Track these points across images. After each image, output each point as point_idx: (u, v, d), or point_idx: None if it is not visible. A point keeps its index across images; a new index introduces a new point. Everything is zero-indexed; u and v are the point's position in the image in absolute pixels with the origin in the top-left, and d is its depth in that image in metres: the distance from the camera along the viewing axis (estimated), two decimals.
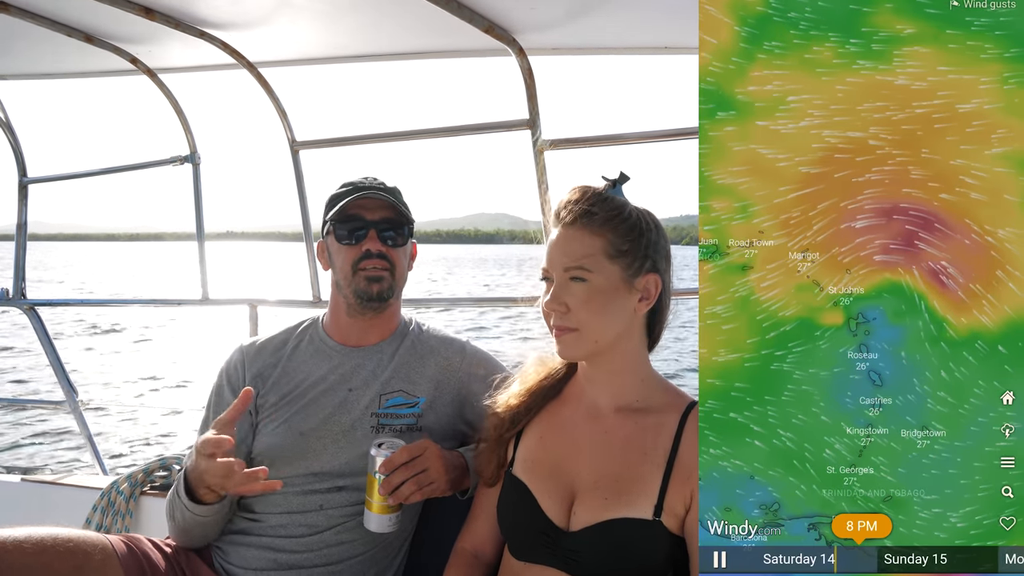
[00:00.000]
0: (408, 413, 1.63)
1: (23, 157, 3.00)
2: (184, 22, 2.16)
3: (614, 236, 1.24)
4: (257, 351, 1.70)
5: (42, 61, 2.68)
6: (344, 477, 1.56)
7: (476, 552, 1.44)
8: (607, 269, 1.23)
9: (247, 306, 2.74)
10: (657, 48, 2.22)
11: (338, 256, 1.65)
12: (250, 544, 1.55)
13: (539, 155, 2.19)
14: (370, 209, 1.63)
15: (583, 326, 1.24)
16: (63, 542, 1.37)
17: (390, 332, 1.73)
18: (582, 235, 1.24)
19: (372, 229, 1.62)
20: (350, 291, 1.63)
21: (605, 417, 1.31)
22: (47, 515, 2.61)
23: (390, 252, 1.64)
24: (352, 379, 1.64)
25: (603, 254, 1.23)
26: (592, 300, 1.23)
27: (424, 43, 2.31)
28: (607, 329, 1.25)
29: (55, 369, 2.95)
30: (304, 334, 1.73)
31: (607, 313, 1.24)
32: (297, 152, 2.61)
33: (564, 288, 1.24)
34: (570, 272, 1.24)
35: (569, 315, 1.24)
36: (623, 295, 1.25)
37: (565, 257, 1.24)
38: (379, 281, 1.62)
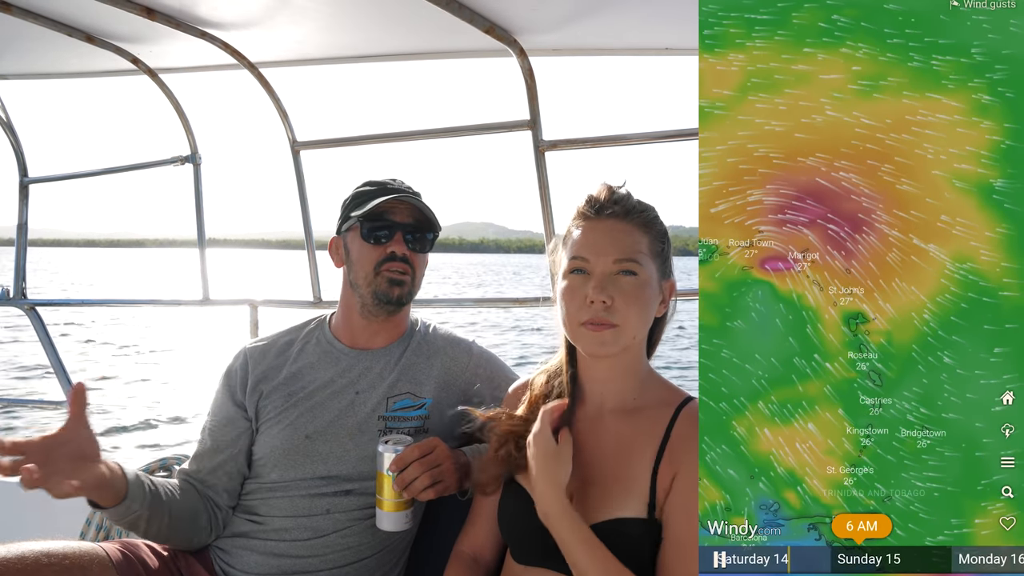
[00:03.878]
0: (415, 415, 1.62)
1: (24, 157, 3.00)
2: (185, 22, 2.16)
3: (653, 236, 1.25)
4: (261, 353, 1.68)
5: (43, 61, 2.69)
6: (352, 481, 1.55)
7: (475, 555, 1.43)
8: (650, 266, 1.24)
9: (248, 307, 2.74)
10: (658, 49, 2.22)
11: (360, 255, 1.62)
12: (252, 548, 1.54)
13: (540, 156, 2.19)
14: (399, 211, 1.61)
15: (625, 322, 1.21)
16: (59, 558, 1.34)
17: (399, 335, 1.71)
18: (632, 229, 1.24)
19: (399, 231, 1.60)
20: (368, 291, 1.61)
21: (603, 418, 1.31)
22: (47, 515, 2.61)
23: (413, 257, 1.62)
24: (359, 382, 1.63)
25: (649, 251, 1.24)
26: (640, 295, 1.22)
27: (425, 43, 2.31)
28: (642, 327, 1.25)
29: (55, 369, 2.95)
30: (311, 335, 1.71)
31: (647, 311, 1.24)
32: (298, 152, 2.61)
33: (611, 280, 1.21)
34: (622, 264, 1.21)
35: (613, 308, 1.20)
36: (656, 296, 1.26)
37: (616, 248, 1.22)
38: (400, 285, 1.60)
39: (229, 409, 1.63)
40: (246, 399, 1.62)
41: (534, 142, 2.18)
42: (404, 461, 1.39)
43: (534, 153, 2.19)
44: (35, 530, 2.49)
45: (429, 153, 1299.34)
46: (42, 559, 1.31)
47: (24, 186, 3.01)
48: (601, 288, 1.20)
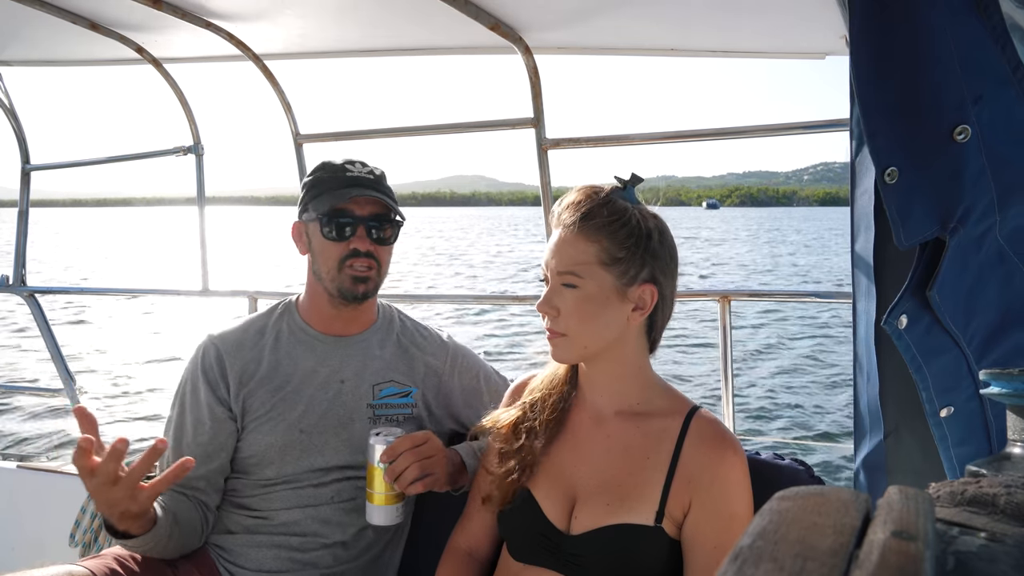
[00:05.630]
0: (403, 403, 1.62)
1: (26, 144, 3.00)
2: (190, 12, 2.16)
3: (610, 243, 1.20)
4: (235, 346, 1.61)
5: (47, 48, 2.68)
6: (351, 468, 1.56)
7: (470, 550, 1.43)
8: (599, 276, 1.20)
9: (247, 298, 2.74)
10: (663, 49, 2.22)
11: (322, 249, 1.57)
12: (261, 544, 1.53)
13: (543, 154, 2.19)
14: (360, 204, 1.56)
15: (571, 332, 1.23)
16: None
17: (371, 321, 1.70)
18: (577, 240, 1.21)
19: (361, 226, 1.55)
20: (333, 287, 1.58)
21: (607, 421, 1.30)
22: (43, 503, 2.62)
23: (377, 249, 1.58)
24: (342, 371, 1.61)
25: (596, 261, 1.20)
26: (581, 307, 1.21)
27: (429, 39, 2.31)
28: (595, 337, 1.24)
29: (53, 356, 2.95)
30: (280, 322, 1.66)
31: (595, 321, 1.22)
32: (301, 145, 2.61)
33: (556, 292, 1.23)
34: (562, 277, 1.22)
35: (559, 320, 1.23)
36: (614, 304, 1.22)
37: (558, 261, 1.23)
38: (364, 282, 1.57)
39: (216, 410, 1.55)
40: (231, 397, 1.56)
41: (537, 140, 2.18)
42: (395, 451, 1.38)
43: (537, 151, 2.19)
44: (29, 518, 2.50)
45: (436, 146, 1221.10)
46: None
47: (26, 173, 3.01)
48: (546, 300, 1.24)
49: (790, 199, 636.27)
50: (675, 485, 1.20)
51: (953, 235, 1.01)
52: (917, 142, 1.01)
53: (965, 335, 1.04)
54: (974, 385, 1.06)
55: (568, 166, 29.46)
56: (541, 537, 1.26)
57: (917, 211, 1.02)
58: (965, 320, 1.04)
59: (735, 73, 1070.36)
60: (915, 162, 1.01)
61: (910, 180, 1.01)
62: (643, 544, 1.17)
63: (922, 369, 1.07)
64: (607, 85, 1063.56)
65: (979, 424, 1.08)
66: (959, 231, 1.00)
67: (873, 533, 0.33)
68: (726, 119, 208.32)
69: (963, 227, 1.00)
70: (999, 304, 1.03)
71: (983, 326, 1.04)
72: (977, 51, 0.95)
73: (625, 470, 1.24)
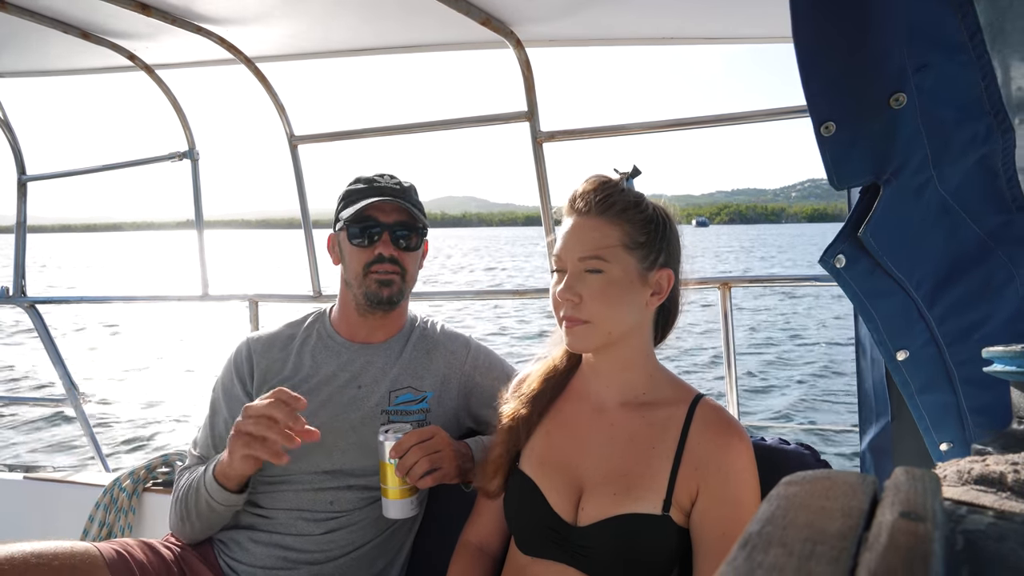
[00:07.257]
0: (417, 409, 1.64)
1: (22, 155, 3.00)
2: (180, 17, 2.16)
3: (631, 227, 1.22)
4: (265, 346, 1.70)
5: (38, 58, 2.67)
6: (355, 476, 1.57)
7: (481, 545, 1.44)
8: (624, 260, 1.22)
9: (247, 302, 2.74)
10: (654, 39, 2.21)
11: (350, 256, 1.65)
12: (259, 541, 1.55)
13: (538, 147, 2.19)
14: (385, 211, 1.62)
15: (596, 318, 1.22)
16: (49, 559, 1.33)
17: (398, 330, 1.74)
18: (600, 224, 1.22)
19: (386, 232, 1.62)
20: (360, 292, 1.64)
21: (611, 412, 1.31)
22: (50, 513, 2.62)
23: (402, 256, 1.64)
24: (361, 376, 1.65)
25: (621, 245, 1.21)
26: (607, 291, 1.21)
27: (421, 36, 2.30)
28: (620, 322, 1.24)
29: (56, 366, 2.95)
30: (311, 328, 1.73)
31: (621, 305, 1.22)
32: (295, 146, 2.61)
33: (579, 278, 1.22)
34: (586, 262, 1.22)
35: (582, 306, 1.22)
36: (637, 288, 1.23)
37: (581, 246, 1.22)
38: (389, 285, 1.63)
39: (243, 399, 1.64)
40: (254, 391, 1.64)
41: (532, 133, 2.18)
42: (404, 446, 1.40)
43: (532, 144, 2.19)
44: (36, 529, 2.50)
45: (432, 143, 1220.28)
46: (31, 559, 1.30)
47: (22, 184, 3.00)
48: (568, 287, 1.22)
49: (779, 216, 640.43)
50: (682, 473, 1.20)
51: (887, 185, 1.04)
52: (853, 102, 1.03)
53: (911, 280, 1.07)
54: (928, 332, 1.09)
55: (561, 163, 29.29)
56: (548, 530, 1.26)
57: (853, 161, 1.05)
58: (910, 266, 1.06)
59: (729, 60, 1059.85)
60: (851, 120, 1.04)
61: (846, 134, 1.04)
62: (651, 533, 1.17)
63: (869, 310, 1.10)
64: (601, 77, 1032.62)
65: (940, 372, 1.10)
66: (893, 182, 1.03)
67: (881, 515, 0.33)
68: (724, 109, 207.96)
69: (896, 179, 1.03)
70: (946, 253, 1.05)
71: (930, 274, 1.06)
72: (929, 19, 0.96)
73: (631, 460, 1.24)
